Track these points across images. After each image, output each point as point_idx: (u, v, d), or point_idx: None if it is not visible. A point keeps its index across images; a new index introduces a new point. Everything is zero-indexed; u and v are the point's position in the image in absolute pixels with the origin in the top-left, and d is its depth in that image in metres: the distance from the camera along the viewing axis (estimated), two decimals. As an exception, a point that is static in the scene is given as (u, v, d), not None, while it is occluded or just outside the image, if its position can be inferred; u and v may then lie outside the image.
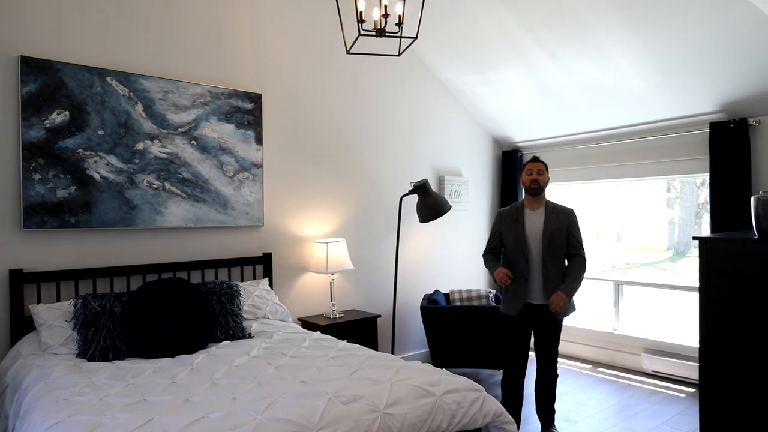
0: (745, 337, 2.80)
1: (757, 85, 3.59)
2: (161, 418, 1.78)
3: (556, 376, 3.15)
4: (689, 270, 8.86)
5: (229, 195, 3.61)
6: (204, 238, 3.53)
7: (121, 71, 3.16)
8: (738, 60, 3.45)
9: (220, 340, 2.95)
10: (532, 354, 4.55)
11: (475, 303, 4.49)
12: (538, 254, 3.05)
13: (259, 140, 3.74)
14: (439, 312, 4.10)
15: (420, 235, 4.78)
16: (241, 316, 3.15)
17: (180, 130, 3.39)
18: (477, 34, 4.14)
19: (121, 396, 2.04)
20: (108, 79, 3.11)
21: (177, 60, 3.41)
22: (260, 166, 3.75)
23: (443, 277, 4.96)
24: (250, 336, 3.07)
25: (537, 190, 3.08)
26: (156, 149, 3.30)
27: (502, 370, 4.35)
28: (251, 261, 3.69)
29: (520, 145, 5.39)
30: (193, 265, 3.42)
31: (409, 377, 2.20)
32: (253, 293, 3.44)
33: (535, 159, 3.16)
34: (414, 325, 4.72)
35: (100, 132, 3.08)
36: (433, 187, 4.87)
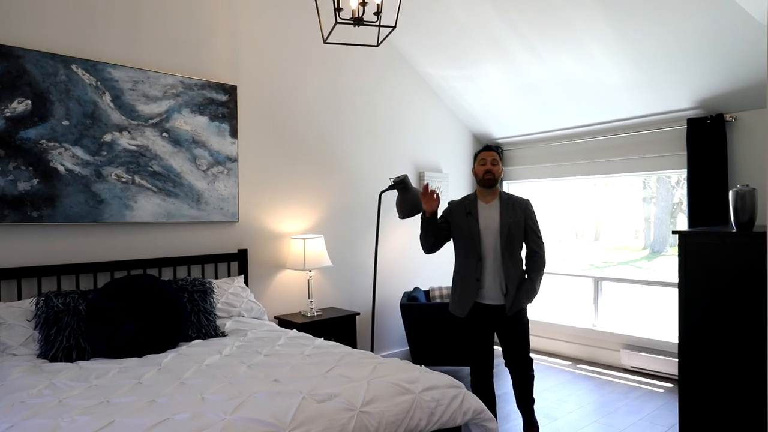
0: (724, 331, 2.80)
1: (733, 81, 3.61)
2: (123, 420, 1.68)
3: (532, 377, 2.96)
4: (665, 268, 9.00)
5: (203, 189, 3.49)
6: (176, 233, 3.41)
7: (87, 59, 3.02)
8: (716, 56, 3.47)
9: (191, 339, 2.84)
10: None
11: (456, 300, 4.43)
12: (494, 251, 2.80)
13: (234, 133, 3.63)
14: (419, 309, 4.04)
15: (400, 232, 4.72)
16: (214, 314, 3.05)
17: (151, 121, 3.27)
18: (457, 28, 4.09)
19: (82, 398, 1.93)
20: (73, 67, 2.97)
21: (147, 49, 3.29)
22: (235, 160, 3.64)
23: (423, 275, 4.91)
24: (223, 334, 2.96)
25: (491, 181, 2.85)
26: (125, 141, 3.17)
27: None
28: (226, 258, 3.58)
29: (499, 141, 5.37)
30: (165, 261, 3.30)
31: (387, 374, 2.13)
32: (228, 291, 3.33)
33: (488, 147, 2.94)
34: (394, 323, 4.65)
35: (65, 122, 2.95)
36: (413, 183, 4.81)
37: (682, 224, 9.29)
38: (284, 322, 3.70)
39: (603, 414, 3.46)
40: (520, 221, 2.85)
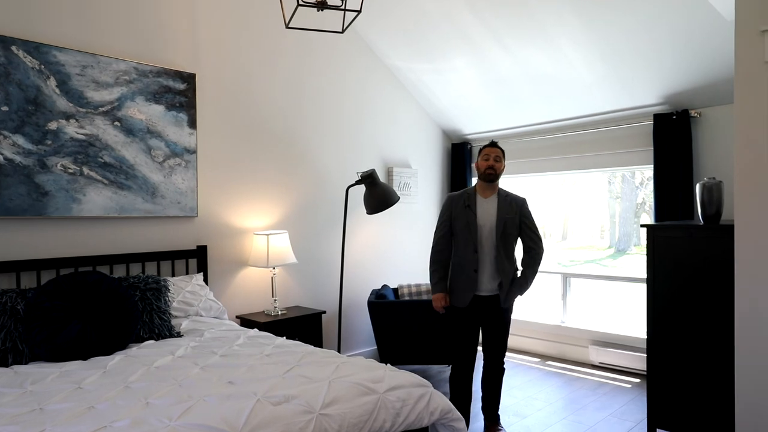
0: (692, 325, 2.78)
1: (698, 77, 3.63)
2: (54, 429, 1.52)
3: (503, 371, 3.04)
4: (629, 267, 9.17)
5: (159, 182, 3.30)
6: (129, 228, 3.21)
7: (29, 41, 2.80)
8: (682, 52, 3.47)
9: (143, 340, 2.67)
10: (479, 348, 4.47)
11: (425, 297, 4.35)
12: (489, 244, 2.90)
13: (192, 124, 3.46)
14: (387, 307, 3.94)
15: (368, 228, 4.61)
16: (169, 314, 2.87)
17: (101, 109, 3.07)
18: (425, 20, 4.01)
19: (12, 405, 1.75)
20: (13, 48, 2.75)
21: (98, 32, 3.09)
22: (194, 151, 3.46)
23: (392, 272, 4.81)
24: (178, 335, 2.79)
25: (492, 177, 2.93)
26: (72, 129, 2.96)
27: (451, 366, 4.26)
28: (184, 254, 3.40)
29: (469, 137, 5.31)
30: (117, 258, 3.10)
31: (350, 374, 2.01)
32: (185, 289, 3.16)
33: (494, 144, 3.00)
34: (361, 321, 4.54)
35: (4, 108, 2.72)
36: (382, 178, 4.71)
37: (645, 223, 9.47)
38: (246, 321, 3.54)
39: (572, 411, 3.42)
40: (516, 219, 2.94)
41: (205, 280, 3.47)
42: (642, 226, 3.00)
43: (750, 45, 2.32)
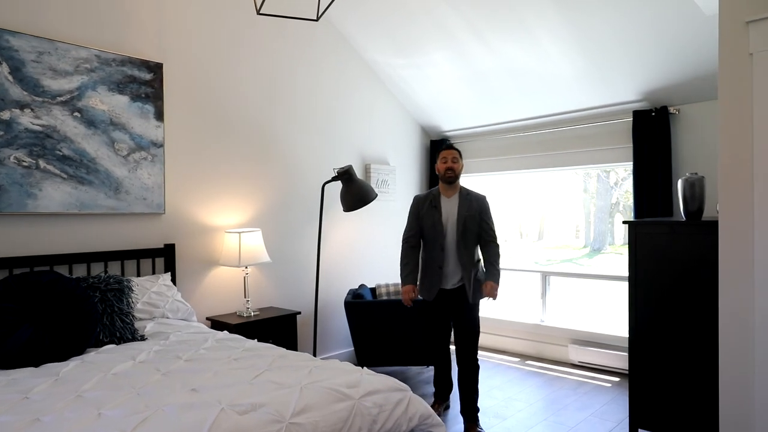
0: (675, 323, 2.74)
1: (677, 74, 3.61)
2: (-10, 446, 1.36)
3: (477, 368, 3.09)
4: (605, 266, 9.24)
5: (123, 177, 3.13)
6: (91, 226, 3.03)
7: (-21, 24, 2.61)
8: (663, 49, 3.44)
9: (103, 344, 2.49)
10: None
11: (403, 297, 4.25)
12: (452, 241, 3.05)
13: (159, 116, 3.28)
14: (365, 307, 3.82)
15: (344, 226, 4.48)
16: (132, 316, 2.70)
17: (59, 99, 2.88)
18: (403, 13, 3.90)
19: (-53, 419, 1.57)
20: (-39, 31, 2.56)
21: (56, 16, 2.90)
22: (161, 145, 3.29)
23: (369, 271, 4.69)
24: (142, 338, 2.63)
25: (452, 178, 3.08)
26: (27, 120, 2.77)
27: (430, 367, 4.17)
28: (150, 253, 3.23)
29: (448, 134, 5.23)
30: (77, 257, 2.91)
31: (324, 378, 1.89)
32: (150, 289, 2.99)
33: (450, 146, 3.18)
34: (338, 322, 4.41)
35: (-50, 95, 2.53)
36: (359, 175, 4.59)
37: (619, 224, 9.59)
38: (217, 323, 3.39)
39: (553, 411, 3.36)
40: (476, 215, 3.07)
41: (173, 280, 3.30)
42: (624, 222, 2.95)
43: (734, 37, 2.27)
